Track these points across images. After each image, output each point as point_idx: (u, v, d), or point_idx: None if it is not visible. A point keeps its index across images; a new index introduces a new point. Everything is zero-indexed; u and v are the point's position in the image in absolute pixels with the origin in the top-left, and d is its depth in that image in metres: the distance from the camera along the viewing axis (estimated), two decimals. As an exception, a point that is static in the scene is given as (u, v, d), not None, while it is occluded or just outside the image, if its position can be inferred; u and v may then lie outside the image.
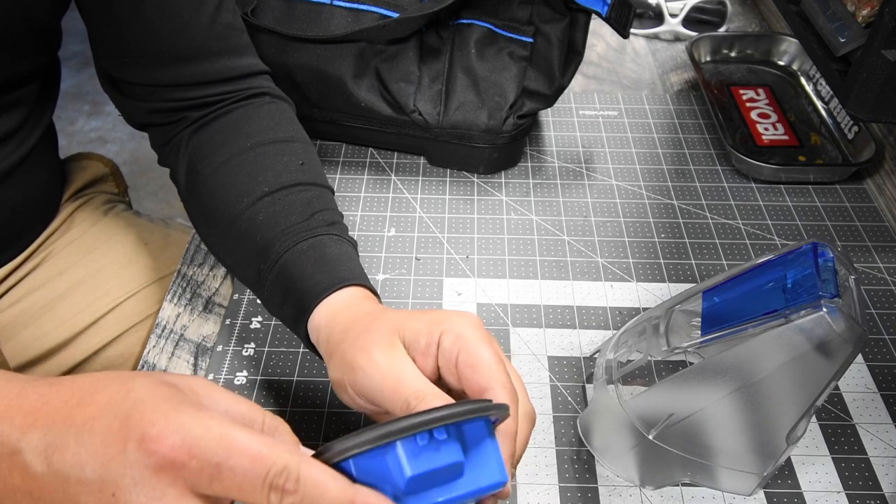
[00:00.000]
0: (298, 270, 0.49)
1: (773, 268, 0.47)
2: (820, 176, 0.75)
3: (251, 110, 0.59)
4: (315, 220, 0.53)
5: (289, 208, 0.53)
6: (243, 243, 0.53)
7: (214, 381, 0.56)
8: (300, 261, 0.50)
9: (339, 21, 0.70)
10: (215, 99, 0.59)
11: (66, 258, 0.71)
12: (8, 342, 0.67)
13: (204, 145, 0.57)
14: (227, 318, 0.62)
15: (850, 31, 0.61)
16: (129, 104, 0.60)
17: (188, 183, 0.57)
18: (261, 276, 0.52)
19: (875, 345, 0.60)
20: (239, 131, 0.57)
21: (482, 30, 0.70)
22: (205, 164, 0.56)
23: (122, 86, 0.59)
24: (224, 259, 0.57)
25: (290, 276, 0.49)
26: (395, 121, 0.72)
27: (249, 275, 0.53)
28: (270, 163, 0.55)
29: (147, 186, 1.98)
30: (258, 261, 0.52)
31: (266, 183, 0.54)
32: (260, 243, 0.52)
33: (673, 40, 0.98)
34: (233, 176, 0.55)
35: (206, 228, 0.57)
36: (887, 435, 0.54)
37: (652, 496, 0.50)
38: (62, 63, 0.69)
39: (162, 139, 0.61)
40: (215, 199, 0.55)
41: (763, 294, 0.45)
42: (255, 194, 0.54)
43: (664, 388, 0.47)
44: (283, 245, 0.51)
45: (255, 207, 0.53)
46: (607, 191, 0.74)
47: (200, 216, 0.57)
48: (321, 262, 0.50)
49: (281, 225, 0.52)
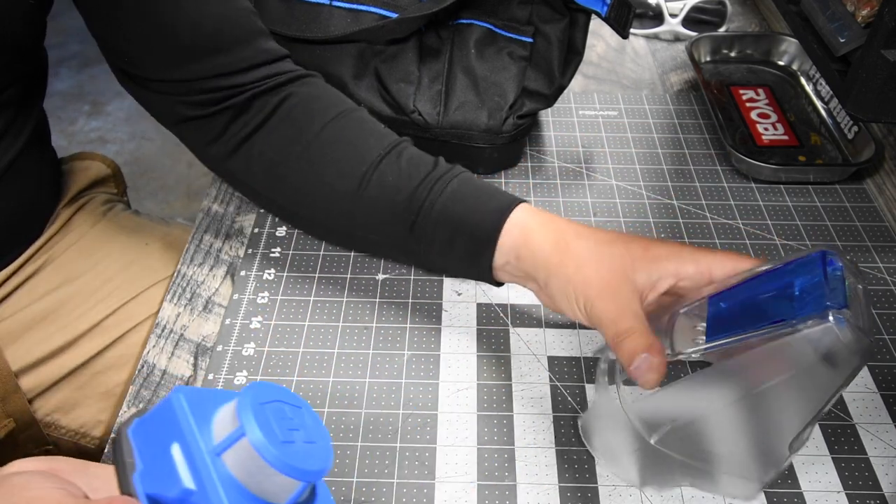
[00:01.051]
0: (462, 207, 0.53)
1: (780, 275, 0.46)
2: (820, 176, 0.75)
3: (308, 89, 0.61)
4: (441, 165, 0.56)
5: (410, 162, 0.56)
6: (378, 207, 0.55)
7: (214, 381, 0.57)
8: (458, 198, 0.54)
9: (339, 21, 0.70)
10: (256, 85, 0.59)
11: (67, 262, 0.71)
12: (9, 347, 0.67)
13: (282, 128, 0.58)
14: (227, 318, 0.62)
15: (849, 31, 0.61)
16: (160, 100, 0.60)
17: (271, 173, 0.58)
18: (413, 229, 0.54)
19: (875, 345, 0.60)
20: (313, 109, 0.59)
21: (482, 30, 0.70)
22: (292, 146, 0.57)
23: (149, 83, 0.59)
24: (352, 232, 0.58)
25: (457, 214, 0.53)
26: (394, 121, 0.72)
27: (394, 234, 0.55)
28: (366, 129, 0.58)
29: (147, 186, 1.98)
30: (405, 215, 0.54)
31: (376, 147, 0.57)
32: (401, 201, 0.54)
33: (673, 40, 0.98)
34: (332, 151, 0.57)
35: (311, 211, 0.59)
36: (887, 435, 0.54)
37: (652, 496, 0.50)
38: (62, 64, 0.69)
39: (206, 136, 0.60)
40: (322, 176, 0.57)
41: (770, 301, 0.45)
42: (371, 159, 0.56)
43: (667, 394, 0.47)
44: (434, 191, 0.54)
45: (378, 171, 0.55)
46: (607, 191, 0.74)
47: (296, 202, 0.59)
48: (480, 193, 0.54)
49: (416, 178, 0.55)
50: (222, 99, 0.59)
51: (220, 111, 0.59)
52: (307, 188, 0.58)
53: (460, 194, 0.55)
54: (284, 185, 0.59)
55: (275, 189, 0.60)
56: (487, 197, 0.55)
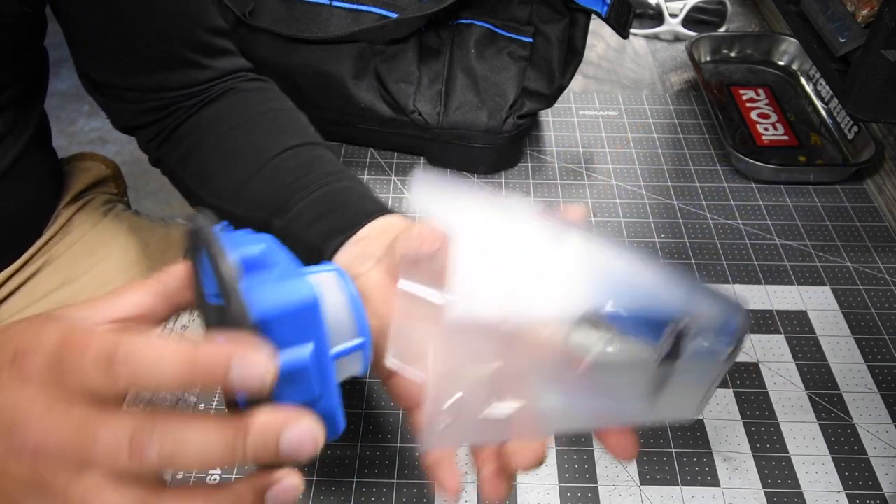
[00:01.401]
0: (346, 196, 0.51)
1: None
2: (820, 176, 0.75)
3: (248, 85, 0.60)
4: (351, 173, 0.55)
5: (320, 158, 0.55)
6: (266, 187, 0.54)
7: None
8: (347, 189, 0.52)
9: (339, 21, 0.70)
10: (205, 93, 0.59)
11: (67, 262, 0.71)
12: None
13: (204, 120, 0.58)
14: (227, 319, 0.61)
15: (849, 31, 0.61)
16: (116, 107, 0.61)
17: (189, 157, 0.58)
18: (287, 205, 0.52)
19: (875, 345, 0.60)
20: (242, 103, 0.59)
21: (482, 30, 0.70)
22: (210, 133, 0.57)
23: (107, 90, 0.60)
24: (236, 209, 0.55)
25: (334, 203, 0.51)
26: (394, 121, 0.72)
27: (267, 208, 0.53)
28: (287, 124, 0.57)
29: (147, 186, 1.98)
30: (285, 194, 0.52)
31: (289, 139, 0.56)
32: (290, 182, 0.53)
33: (673, 40, 0.98)
34: (248, 136, 0.56)
35: (219, 190, 0.57)
36: (887, 435, 0.54)
37: (652, 496, 0.50)
38: (62, 63, 0.69)
39: (150, 136, 0.61)
40: (230, 159, 0.56)
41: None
42: (280, 147, 0.55)
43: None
44: (328, 179, 0.52)
45: (281, 157, 0.54)
46: (607, 191, 0.74)
47: (210, 182, 0.57)
48: (367, 195, 0.52)
49: (315, 168, 0.54)
50: (173, 104, 0.59)
51: (169, 115, 0.60)
52: (205, 166, 0.57)
53: (350, 189, 0.53)
54: (191, 161, 0.58)
55: (183, 165, 0.59)
56: (363, 199, 0.52)
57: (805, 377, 0.58)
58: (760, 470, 0.52)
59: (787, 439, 0.54)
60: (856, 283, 0.65)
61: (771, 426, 0.55)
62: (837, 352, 0.60)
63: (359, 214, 0.49)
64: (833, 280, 0.65)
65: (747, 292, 0.64)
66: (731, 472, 0.52)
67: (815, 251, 0.68)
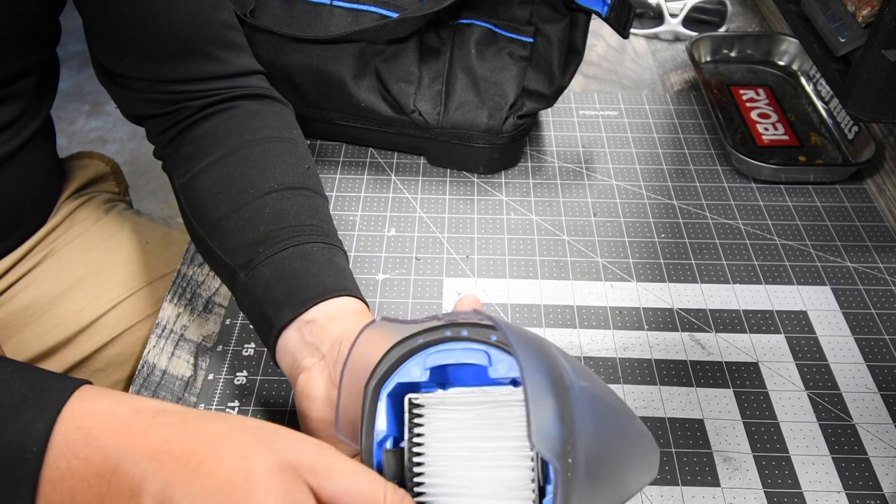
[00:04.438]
0: (308, 265, 0.50)
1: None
2: (820, 176, 0.75)
3: (256, 106, 0.60)
4: (325, 227, 0.54)
5: (297, 208, 0.53)
6: (241, 230, 0.53)
7: (214, 381, 0.57)
8: (311, 255, 0.51)
9: (339, 21, 0.70)
10: (214, 93, 0.59)
11: (68, 256, 0.71)
12: (9, 340, 0.67)
13: (207, 135, 0.58)
14: (227, 318, 0.62)
15: (850, 31, 0.61)
16: (126, 95, 0.60)
17: (186, 171, 0.58)
18: (251, 262, 0.51)
19: (875, 345, 0.60)
20: (245, 125, 0.58)
21: (482, 30, 0.70)
22: (207, 153, 0.57)
23: (119, 79, 0.60)
24: (212, 243, 0.55)
25: (294, 269, 0.50)
26: (395, 121, 0.72)
27: (238, 258, 0.52)
28: (278, 160, 0.56)
29: (147, 186, 1.98)
30: (255, 248, 0.51)
31: (274, 179, 0.55)
32: (263, 232, 0.52)
33: (673, 40, 0.98)
34: (239, 167, 0.55)
35: (202, 215, 0.56)
36: (887, 435, 0.54)
37: (652, 496, 0.50)
38: (62, 63, 0.69)
39: (160, 129, 0.61)
40: (218, 187, 0.55)
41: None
42: (263, 188, 0.54)
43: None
44: (297, 239, 0.51)
45: (262, 200, 0.53)
46: (607, 191, 0.74)
47: (196, 204, 0.57)
48: (331, 266, 0.51)
49: (290, 221, 0.52)
50: (181, 101, 0.59)
51: (177, 111, 0.59)
52: (199, 195, 0.56)
53: (314, 257, 0.51)
54: (188, 186, 0.58)
55: (181, 189, 0.58)
56: (337, 273, 0.51)
57: (805, 377, 0.58)
58: (760, 470, 0.52)
59: (787, 439, 0.54)
60: (856, 283, 0.65)
61: (771, 426, 0.55)
62: (837, 352, 0.60)
63: (314, 290, 0.48)
64: (833, 280, 0.65)
65: (747, 292, 0.64)
66: (731, 472, 0.52)
67: (815, 251, 0.68)
